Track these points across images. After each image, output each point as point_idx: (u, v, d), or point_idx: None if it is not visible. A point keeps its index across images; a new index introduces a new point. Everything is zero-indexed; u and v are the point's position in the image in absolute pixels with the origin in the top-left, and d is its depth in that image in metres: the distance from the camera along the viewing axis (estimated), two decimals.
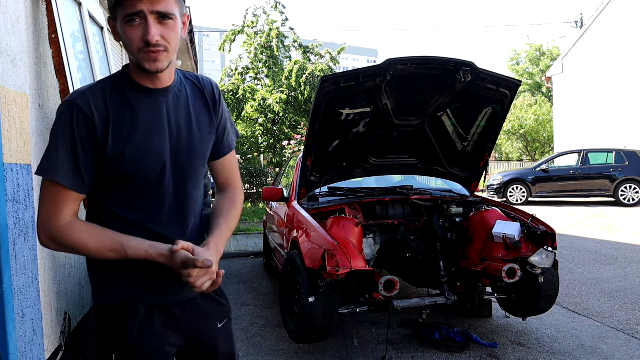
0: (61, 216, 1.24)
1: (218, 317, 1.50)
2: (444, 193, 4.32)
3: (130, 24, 1.20)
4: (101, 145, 1.24)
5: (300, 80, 13.10)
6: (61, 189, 1.23)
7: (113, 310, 1.34)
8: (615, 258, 6.47)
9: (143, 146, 1.28)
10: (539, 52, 37.14)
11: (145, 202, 1.32)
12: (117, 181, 1.29)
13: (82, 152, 1.23)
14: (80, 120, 1.22)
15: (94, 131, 1.23)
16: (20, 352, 1.89)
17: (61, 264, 2.56)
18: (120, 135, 1.25)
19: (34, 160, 2.20)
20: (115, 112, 1.25)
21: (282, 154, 12.79)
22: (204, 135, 1.40)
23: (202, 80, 1.44)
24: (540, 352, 3.45)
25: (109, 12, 1.25)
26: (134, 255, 1.25)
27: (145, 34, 1.19)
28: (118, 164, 1.26)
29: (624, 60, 17.13)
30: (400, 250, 3.97)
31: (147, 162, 1.28)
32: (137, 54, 1.22)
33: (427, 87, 3.57)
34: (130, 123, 1.27)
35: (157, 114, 1.31)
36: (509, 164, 26.79)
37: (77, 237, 1.24)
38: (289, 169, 6.21)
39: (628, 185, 12.90)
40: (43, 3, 2.37)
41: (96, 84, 1.30)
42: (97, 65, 2.87)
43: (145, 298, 1.35)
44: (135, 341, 1.32)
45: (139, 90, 1.29)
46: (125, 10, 1.19)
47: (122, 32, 1.22)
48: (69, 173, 1.23)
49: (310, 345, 3.54)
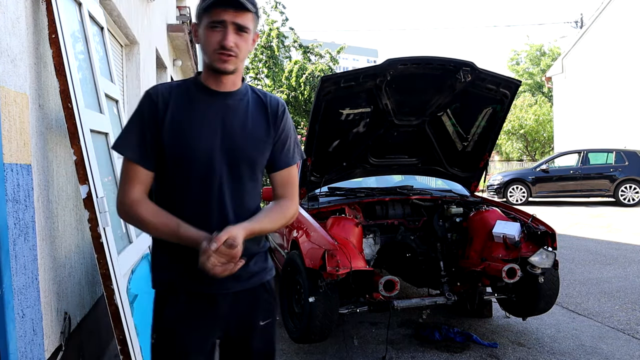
0: (132, 192, 1.41)
1: (261, 315, 1.55)
2: (444, 193, 4.32)
3: (212, 29, 1.39)
4: (160, 127, 1.41)
5: (300, 80, 13.12)
6: (131, 164, 1.42)
7: (160, 295, 1.49)
8: (615, 258, 6.47)
9: (194, 137, 1.42)
10: (539, 52, 37.12)
11: (192, 193, 1.44)
12: (168, 166, 1.43)
13: (147, 131, 1.41)
14: (146, 104, 1.43)
15: (156, 113, 1.42)
16: (20, 352, 1.89)
17: (61, 264, 2.55)
18: (175, 123, 1.42)
19: (34, 160, 2.20)
20: (176, 101, 1.44)
21: None
22: (258, 142, 1.51)
23: (268, 96, 1.58)
24: (540, 352, 3.45)
25: (196, 17, 1.44)
26: (184, 234, 1.37)
27: (222, 39, 1.38)
28: (171, 150, 1.41)
29: (624, 60, 17.13)
30: (400, 250, 3.97)
31: (194, 152, 1.42)
32: (212, 55, 1.40)
33: (427, 87, 3.57)
34: (187, 113, 1.44)
35: (213, 112, 1.45)
36: (508, 164, 26.79)
37: (142, 212, 1.40)
38: None
39: (628, 185, 12.89)
40: (43, 3, 2.37)
41: (172, 81, 1.53)
42: (97, 65, 2.87)
43: (188, 287, 1.45)
44: (172, 325, 1.45)
45: (203, 90, 1.47)
46: (211, 17, 1.39)
47: (203, 35, 1.41)
48: (135, 149, 1.42)
49: (310, 345, 3.54)
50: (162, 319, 1.47)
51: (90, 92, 2.71)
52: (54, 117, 2.54)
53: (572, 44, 19.84)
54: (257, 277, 1.53)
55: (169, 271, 1.47)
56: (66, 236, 2.67)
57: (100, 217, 2.31)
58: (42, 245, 2.27)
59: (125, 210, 1.43)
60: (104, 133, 2.83)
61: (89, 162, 2.33)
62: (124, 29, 4.74)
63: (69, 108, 2.31)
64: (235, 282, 1.45)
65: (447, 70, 3.42)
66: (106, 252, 2.31)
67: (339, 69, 14.27)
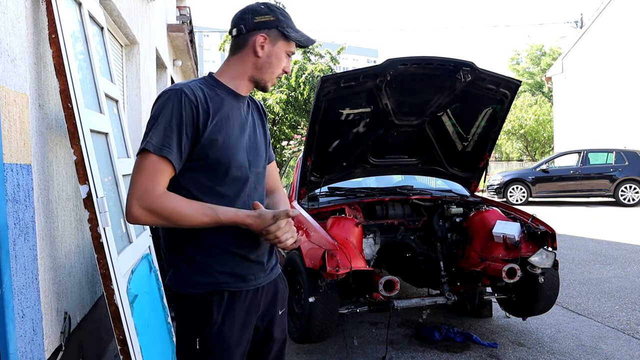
0: (159, 187, 1.37)
1: (281, 304, 1.65)
2: (444, 193, 4.32)
3: (287, 56, 1.54)
4: (201, 130, 1.41)
5: (300, 80, 13.10)
6: (164, 163, 1.37)
7: (200, 298, 1.45)
8: (615, 258, 6.47)
9: (234, 137, 1.47)
10: (540, 52, 37.11)
11: (227, 190, 1.47)
12: (207, 167, 1.44)
13: (184, 133, 1.39)
14: (187, 105, 1.39)
15: (197, 116, 1.40)
16: (20, 352, 1.89)
17: (61, 264, 2.55)
18: (216, 124, 1.44)
19: (34, 160, 2.20)
20: (213, 104, 1.45)
21: (282, 154, 12.78)
22: (264, 141, 1.64)
23: (255, 99, 1.69)
24: (540, 352, 3.45)
25: (269, 34, 1.49)
26: (224, 217, 1.39)
27: (287, 67, 1.55)
28: (211, 149, 1.42)
29: (624, 60, 17.13)
30: (400, 250, 3.97)
31: (234, 152, 1.46)
32: (272, 75, 1.53)
33: (427, 87, 3.57)
34: (223, 116, 1.47)
35: (239, 114, 1.53)
36: (509, 164, 26.78)
37: (174, 204, 1.37)
38: (289, 169, 6.22)
39: (628, 185, 12.90)
40: (43, 3, 2.37)
41: (190, 81, 1.48)
42: (97, 65, 2.87)
43: (229, 286, 1.46)
44: (218, 328, 1.45)
45: (230, 92, 1.51)
46: (289, 47, 1.53)
47: (277, 56, 1.51)
48: (174, 150, 1.38)
49: (310, 345, 3.54)
50: (209, 322, 1.44)
51: (90, 92, 2.70)
52: (54, 117, 2.54)
53: (572, 44, 19.84)
54: (276, 269, 1.63)
55: (211, 274, 1.45)
56: (66, 236, 2.67)
57: (100, 217, 2.31)
58: (42, 245, 2.27)
59: (148, 206, 1.35)
60: (104, 133, 2.82)
61: (89, 162, 2.33)
62: (124, 29, 4.74)
63: (69, 108, 2.31)
64: (264, 275, 1.55)
65: (447, 70, 3.42)
66: (106, 252, 2.31)
67: (339, 69, 14.25)
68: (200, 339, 1.44)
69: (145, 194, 1.35)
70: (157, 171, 1.37)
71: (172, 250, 1.50)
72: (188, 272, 1.46)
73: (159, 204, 1.35)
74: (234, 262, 1.47)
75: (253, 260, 1.50)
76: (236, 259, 1.47)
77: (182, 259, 1.47)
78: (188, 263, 1.47)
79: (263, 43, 1.48)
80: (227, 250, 1.46)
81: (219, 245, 1.45)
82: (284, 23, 1.49)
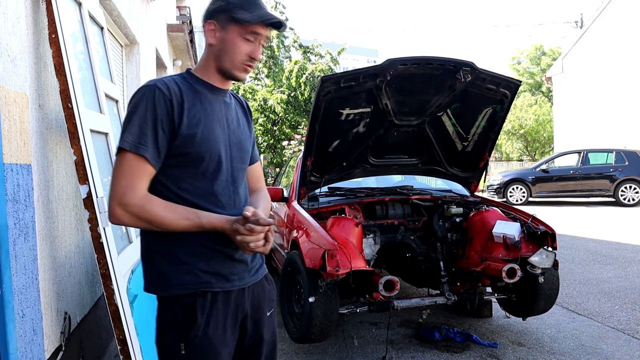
0: (139, 188, 1.35)
1: (268, 305, 1.60)
2: (444, 193, 4.32)
3: (245, 40, 1.42)
4: (177, 125, 1.39)
5: (300, 81, 13.09)
6: (142, 162, 1.35)
7: (182, 300, 1.40)
8: (615, 258, 6.47)
9: (211, 130, 1.44)
10: (540, 52, 37.12)
11: (208, 187, 1.44)
12: (187, 162, 1.41)
13: (160, 129, 1.37)
14: (160, 100, 1.37)
15: (171, 111, 1.38)
16: (20, 352, 1.89)
17: (61, 264, 2.55)
18: (193, 118, 1.41)
19: (34, 160, 2.20)
20: (188, 97, 1.42)
21: (282, 154, 12.78)
22: (247, 136, 1.60)
23: (239, 96, 1.67)
24: (540, 352, 3.45)
25: (216, 18, 1.43)
26: (207, 221, 1.37)
27: (254, 51, 1.44)
28: (190, 144, 1.40)
29: (624, 60, 17.13)
30: (400, 250, 3.97)
31: (212, 145, 1.43)
32: (237, 63, 1.44)
33: (427, 87, 3.57)
34: (200, 109, 1.44)
35: (217, 107, 1.49)
36: (509, 164, 26.78)
37: (155, 208, 1.35)
38: (289, 169, 6.21)
39: (628, 185, 12.90)
40: (43, 3, 2.37)
41: (166, 77, 1.47)
42: (97, 65, 2.87)
43: (212, 286, 1.42)
44: (203, 330, 1.40)
45: (206, 86, 1.48)
46: (244, 28, 1.41)
47: (230, 41, 1.42)
48: (151, 147, 1.36)
49: (310, 345, 3.54)
50: (194, 325, 1.39)
51: (90, 92, 2.71)
52: (54, 117, 2.54)
53: (572, 44, 19.84)
54: (261, 270, 1.59)
55: (194, 273, 1.41)
56: (66, 236, 2.67)
57: (100, 217, 2.31)
58: (42, 245, 2.27)
59: (129, 209, 1.33)
60: (104, 133, 2.83)
61: (89, 162, 2.33)
62: (124, 29, 4.74)
63: (69, 108, 2.31)
64: (249, 276, 1.51)
65: (447, 70, 3.42)
66: (106, 252, 2.31)
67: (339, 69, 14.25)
68: (185, 344, 1.39)
69: (125, 196, 1.33)
70: (136, 170, 1.34)
71: (152, 249, 1.45)
72: (171, 271, 1.41)
73: (139, 206, 1.33)
74: (217, 261, 1.43)
75: (237, 259, 1.46)
76: (220, 257, 1.43)
77: (165, 257, 1.42)
78: (171, 262, 1.42)
79: (213, 30, 1.44)
80: (212, 248, 1.42)
81: (203, 243, 1.41)
82: (234, 6, 1.41)
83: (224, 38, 1.43)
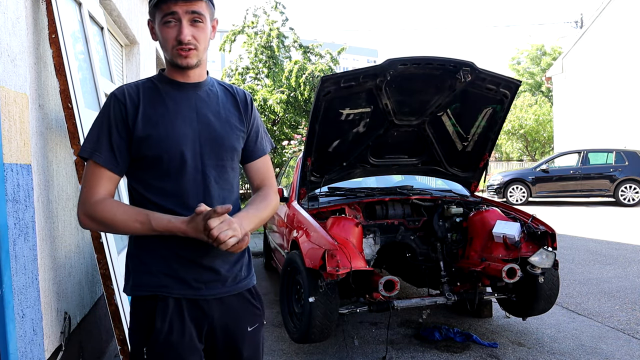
0: (95, 192, 1.36)
1: (249, 320, 1.52)
2: (444, 193, 4.32)
3: (166, 25, 1.37)
4: (131, 127, 1.38)
5: (300, 81, 13.08)
6: (97, 167, 1.37)
7: (144, 303, 1.40)
8: (615, 258, 6.47)
9: (170, 129, 1.40)
10: (540, 52, 37.12)
11: (174, 187, 1.40)
12: (147, 163, 1.40)
13: (115, 133, 1.38)
14: (115, 106, 1.40)
15: (125, 115, 1.39)
16: (20, 352, 1.89)
17: (61, 264, 2.55)
18: (149, 119, 1.39)
19: (34, 160, 2.20)
20: (145, 99, 1.41)
21: (282, 154, 12.77)
22: (233, 130, 1.50)
23: (234, 87, 1.59)
24: (540, 352, 3.45)
25: (149, 14, 1.43)
26: (156, 225, 1.33)
27: (178, 33, 1.36)
28: (146, 145, 1.38)
29: (624, 60, 17.12)
30: (400, 250, 3.97)
31: (171, 143, 1.39)
32: (171, 51, 1.39)
33: (427, 87, 3.57)
34: (159, 110, 1.41)
35: (185, 104, 1.44)
36: (509, 164, 26.78)
37: (108, 210, 1.35)
38: (289, 169, 6.21)
39: (628, 185, 12.89)
40: (43, 3, 2.37)
41: (133, 82, 1.48)
42: (97, 65, 2.87)
43: (175, 292, 1.39)
44: (165, 337, 1.37)
45: (171, 84, 1.45)
46: (162, 12, 1.36)
47: (159, 33, 1.40)
48: (104, 152, 1.37)
49: (310, 345, 3.54)
50: (154, 331, 1.37)
51: (90, 92, 2.71)
52: (54, 117, 2.54)
53: (572, 44, 19.83)
54: (244, 282, 1.51)
55: (155, 275, 1.39)
56: (66, 236, 2.67)
57: None
58: (42, 245, 2.27)
59: (87, 212, 1.35)
60: None
61: None
62: (124, 29, 4.74)
63: (69, 108, 2.31)
64: (222, 287, 1.44)
65: (447, 70, 3.42)
66: (106, 252, 2.31)
67: (339, 69, 14.25)
68: (147, 348, 1.37)
69: (85, 201, 1.36)
70: (95, 176, 1.37)
71: (129, 251, 1.46)
72: (134, 272, 1.42)
73: (96, 210, 1.35)
74: (180, 264, 1.39)
75: (205, 266, 1.40)
76: (184, 262, 1.39)
77: (133, 259, 1.43)
78: (136, 264, 1.42)
79: (152, 28, 1.43)
80: (177, 252, 1.38)
81: (172, 247, 1.38)
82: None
83: (157, 29, 1.41)
